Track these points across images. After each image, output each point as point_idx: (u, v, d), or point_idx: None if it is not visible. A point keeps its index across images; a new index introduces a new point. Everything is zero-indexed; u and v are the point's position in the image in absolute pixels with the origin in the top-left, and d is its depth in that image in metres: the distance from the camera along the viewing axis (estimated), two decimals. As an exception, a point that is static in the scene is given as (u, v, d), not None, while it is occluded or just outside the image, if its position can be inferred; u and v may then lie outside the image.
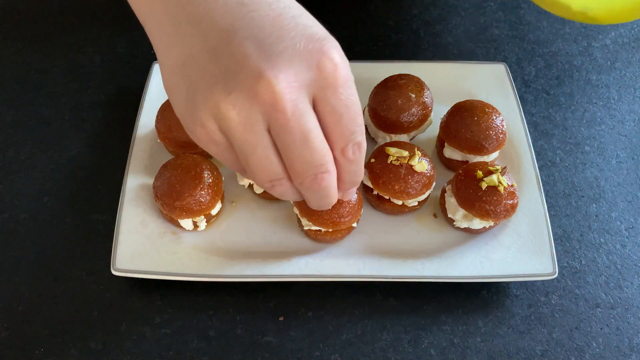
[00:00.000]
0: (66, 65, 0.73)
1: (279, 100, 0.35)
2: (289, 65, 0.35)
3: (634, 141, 0.69)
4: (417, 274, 0.55)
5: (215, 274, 0.54)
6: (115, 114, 0.69)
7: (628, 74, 0.75)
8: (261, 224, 0.59)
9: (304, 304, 0.56)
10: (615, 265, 0.59)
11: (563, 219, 0.62)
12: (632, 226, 0.62)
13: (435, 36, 0.78)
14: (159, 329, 0.54)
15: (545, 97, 0.73)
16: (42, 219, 0.61)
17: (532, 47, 0.78)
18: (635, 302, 0.57)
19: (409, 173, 0.55)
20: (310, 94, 0.37)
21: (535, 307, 0.56)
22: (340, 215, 0.53)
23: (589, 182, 0.65)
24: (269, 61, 0.35)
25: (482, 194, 0.54)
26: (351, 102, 0.38)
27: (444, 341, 0.54)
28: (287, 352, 0.53)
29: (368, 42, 0.77)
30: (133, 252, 0.55)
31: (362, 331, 0.55)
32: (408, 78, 0.61)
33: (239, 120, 0.35)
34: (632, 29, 0.80)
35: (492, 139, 0.58)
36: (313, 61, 0.36)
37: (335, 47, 0.37)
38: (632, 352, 0.54)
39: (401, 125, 0.60)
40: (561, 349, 0.54)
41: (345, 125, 0.38)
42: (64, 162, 0.65)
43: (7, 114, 0.69)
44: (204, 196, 0.54)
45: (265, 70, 0.34)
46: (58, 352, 0.53)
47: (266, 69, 0.34)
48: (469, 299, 0.57)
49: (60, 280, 0.57)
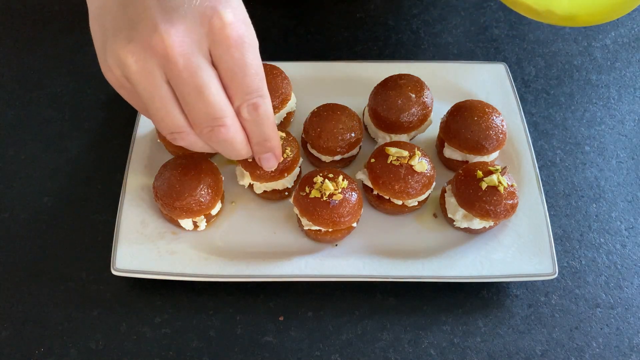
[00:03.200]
0: (66, 65, 0.74)
1: (170, 53, 0.37)
2: (182, 20, 0.38)
3: (634, 141, 0.69)
4: (417, 274, 0.55)
5: (215, 274, 0.54)
6: (115, 114, 0.69)
7: (628, 74, 0.75)
8: (261, 224, 0.59)
9: (304, 304, 0.56)
10: (615, 265, 0.59)
11: (563, 219, 0.62)
12: (632, 226, 0.62)
13: (435, 36, 0.78)
14: (159, 329, 0.54)
15: (545, 97, 0.73)
16: (42, 219, 0.61)
17: (532, 47, 0.78)
18: (635, 302, 0.57)
19: (409, 173, 0.55)
20: (206, 50, 0.39)
21: (535, 307, 0.56)
22: (340, 215, 0.53)
23: (589, 182, 0.65)
24: (164, 15, 0.38)
25: (482, 194, 0.54)
26: (245, 64, 0.40)
27: (444, 341, 0.54)
28: (287, 352, 0.53)
29: (368, 42, 0.77)
30: (133, 252, 0.55)
31: (362, 331, 0.55)
32: (408, 78, 0.61)
33: (136, 68, 0.38)
34: (632, 29, 0.80)
35: (492, 139, 0.58)
36: (205, 18, 0.38)
37: (231, 7, 0.39)
38: (632, 352, 0.54)
39: (401, 125, 0.60)
40: (561, 349, 0.54)
41: (239, 85, 0.41)
42: (64, 162, 0.65)
43: (7, 114, 0.69)
44: (204, 196, 0.54)
45: (159, 24, 0.37)
46: (58, 352, 0.53)
47: (160, 22, 0.37)
48: (469, 299, 0.57)
49: (60, 280, 0.57)
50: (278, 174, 0.56)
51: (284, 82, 0.62)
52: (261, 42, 0.42)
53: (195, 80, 0.39)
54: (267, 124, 0.44)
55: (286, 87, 0.62)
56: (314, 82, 0.69)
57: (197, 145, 0.44)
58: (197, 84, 0.39)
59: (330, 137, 0.59)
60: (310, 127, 0.60)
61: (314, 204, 0.53)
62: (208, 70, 0.39)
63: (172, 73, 0.39)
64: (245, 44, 0.40)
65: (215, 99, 0.40)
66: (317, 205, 0.53)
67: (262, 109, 0.43)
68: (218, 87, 0.40)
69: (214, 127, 0.41)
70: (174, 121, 0.41)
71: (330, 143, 0.59)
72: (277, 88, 0.61)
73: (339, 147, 0.59)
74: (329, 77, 0.69)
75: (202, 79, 0.39)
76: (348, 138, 0.59)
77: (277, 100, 0.61)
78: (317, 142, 0.60)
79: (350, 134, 0.59)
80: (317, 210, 0.53)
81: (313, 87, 0.68)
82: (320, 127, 0.59)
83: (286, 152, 0.56)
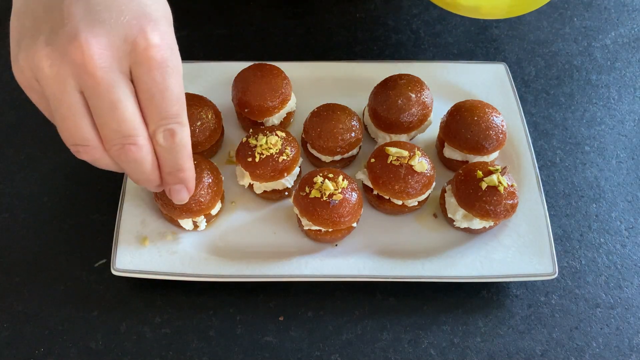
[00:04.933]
0: (66, 65, 0.73)
1: (88, 63, 0.36)
2: (107, 33, 0.37)
3: (634, 141, 0.69)
4: (417, 274, 0.55)
5: (215, 274, 0.54)
6: (115, 114, 0.69)
7: (628, 74, 0.75)
8: (261, 224, 0.59)
9: (304, 304, 0.56)
10: (615, 265, 0.59)
11: (563, 219, 0.62)
12: (632, 226, 0.62)
13: (435, 36, 0.78)
14: (159, 329, 0.54)
15: (545, 97, 0.73)
16: (42, 219, 0.61)
17: (532, 47, 0.78)
18: (635, 302, 0.57)
19: (409, 173, 0.55)
20: (126, 68, 0.38)
21: (535, 307, 0.56)
22: (340, 215, 0.53)
23: (589, 182, 0.65)
24: (88, 25, 0.37)
25: (482, 194, 0.54)
26: (166, 87, 0.39)
27: (444, 341, 0.54)
28: (287, 352, 0.53)
29: (368, 42, 0.77)
30: (133, 252, 0.55)
31: (362, 331, 0.55)
32: (408, 78, 0.61)
33: (49, 73, 0.37)
34: (632, 29, 0.80)
35: (492, 139, 0.58)
36: (131, 36, 0.38)
37: (159, 31, 0.39)
38: (632, 352, 0.54)
39: (401, 125, 0.60)
40: (561, 349, 0.54)
41: (157, 108, 0.39)
42: (64, 162, 0.65)
43: (8, 114, 0.69)
44: (204, 196, 0.54)
45: (81, 32, 0.36)
46: (58, 352, 0.53)
47: (82, 32, 0.37)
48: (469, 299, 0.57)
49: (60, 280, 0.57)
50: (278, 174, 0.56)
51: (284, 82, 0.62)
52: (261, 42, 0.42)
53: (110, 96, 0.38)
54: (182, 153, 0.42)
55: (286, 87, 0.62)
56: (314, 82, 0.69)
57: (103, 162, 0.42)
58: (112, 100, 0.38)
59: (330, 137, 0.59)
60: (310, 127, 0.60)
61: (314, 204, 0.53)
62: (125, 87, 0.38)
63: (86, 85, 0.37)
64: (169, 67, 0.39)
65: (129, 116, 0.39)
66: (317, 205, 0.53)
67: (178, 137, 0.41)
68: (134, 106, 0.39)
69: (125, 144, 0.40)
70: (79, 133, 0.40)
71: (330, 143, 0.59)
72: (277, 88, 0.61)
73: (339, 147, 0.59)
74: (329, 77, 0.69)
75: (118, 95, 0.38)
76: (348, 138, 0.59)
77: (277, 100, 0.61)
78: (317, 142, 0.60)
79: (350, 134, 0.59)
80: (317, 210, 0.53)
81: (313, 87, 0.68)
82: (320, 127, 0.59)
83: (286, 152, 0.56)
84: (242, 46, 0.76)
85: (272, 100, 0.61)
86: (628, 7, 0.82)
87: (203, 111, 0.59)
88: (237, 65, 0.64)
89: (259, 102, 0.61)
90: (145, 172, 0.42)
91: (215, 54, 0.75)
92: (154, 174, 0.43)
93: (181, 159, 0.43)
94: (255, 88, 0.60)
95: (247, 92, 0.61)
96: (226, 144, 0.65)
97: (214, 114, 0.60)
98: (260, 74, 0.61)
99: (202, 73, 0.68)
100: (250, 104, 0.61)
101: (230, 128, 0.66)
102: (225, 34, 0.77)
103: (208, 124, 0.59)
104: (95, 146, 0.40)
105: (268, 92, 0.60)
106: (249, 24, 0.78)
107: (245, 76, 0.62)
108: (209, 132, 0.59)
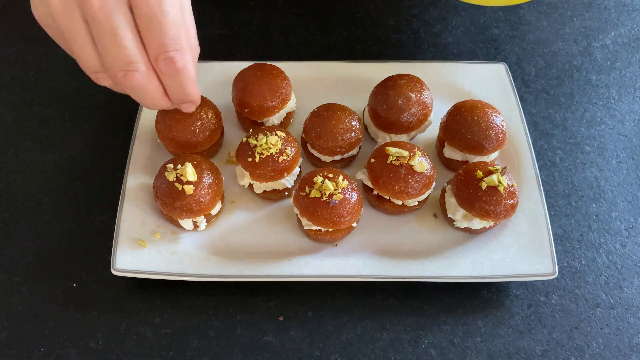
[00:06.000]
0: (66, 65, 0.73)
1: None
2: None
3: (634, 141, 0.69)
4: (417, 274, 0.55)
5: (215, 274, 0.54)
6: (115, 114, 0.69)
7: (628, 74, 0.75)
8: (261, 224, 0.59)
9: (304, 304, 0.56)
10: (615, 265, 0.59)
11: (563, 219, 0.62)
12: (632, 226, 0.62)
13: (435, 36, 0.78)
14: (159, 329, 0.54)
15: (545, 97, 0.73)
16: (42, 219, 0.61)
17: (532, 47, 0.78)
18: (635, 302, 0.57)
19: (409, 173, 0.55)
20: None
21: (535, 307, 0.56)
22: (340, 215, 0.53)
23: (589, 182, 0.65)
24: None
25: (482, 194, 0.54)
26: (161, 11, 0.40)
27: (444, 341, 0.54)
28: (287, 352, 0.53)
29: (368, 42, 0.77)
30: (133, 252, 0.55)
31: (362, 331, 0.55)
32: (408, 78, 0.61)
33: (58, 5, 0.40)
34: (632, 29, 0.80)
35: (492, 139, 0.58)
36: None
37: None
38: (632, 352, 0.54)
39: (401, 125, 0.60)
40: (561, 349, 0.54)
41: (155, 34, 0.41)
42: (64, 162, 0.65)
43: (8, 114, 0.69)
44: (204, 196, 0.54)
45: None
46: (58, 352, 0.53)
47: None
48: (469, 299, 0.57)
49: (60, 280, 0.57)
50: (278, 174, 0.56)
51: (284, 82, 0.62)
52: (261, 42, 0.42)
53: (109, 23, 0.40)
54: (185, 80, 0.44)
55: (286, 87, 0.62)
56: (314, 82, 0.69)
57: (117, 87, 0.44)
58: (111, 27, 0.40)
59: (330, 137, 0.59)
60: (310, 127, 0.60)
61: (314, 204, 0.53)
62: (123, 15, 0.40)
63: (87, 13, 0.40)
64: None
65: (128, 43, 0.40)
66: (317, 205, 0.53)
67: (179, 64, 0.42)
68: (133, 32, 0.41)
69: (127, 71, 0.41)
70: (94, 61, 0.42)
71: (330, 143, 0.59)
72: (277, 88, 0.61)
73: (339, 147, 0.59)
74: (329, 77, 0.69)
75: (116, 22, 0.40)
76: (348, 138, 0.59)
77: (277, 100, 0.61)
78: (317, 142, 0.60)
79: (350, 134, 0.59)
80: (317, 210, 0.53)
81: (313, 87, 0.68)
82: (320, 127, 0.59)
83: (286, 152, 0.56)
84: (242, 46, 0.76)
85: (272, 100, 0.61)
86: (628, 7, 0.82)
87: (203, 111, 0.59)
88: (237, 65, 0.64)
89: (259, 102, 0.61)
90: (152, 97, 0.45)
91: (215, 54, 0.75)
92: (162, 99, 0.46)
93: (184, 83, 0.45)
94: (255, 88, 0.60)
95: (247, 92, 0.61)
96: (226, 144, 0.65)
97: (214, 114, 0.60)
98: (260, 74, 0.61)
99: (202, 73, 0.68)
100: (250, 104, 0.61)
101: (230, 128, 0.66)
102: (225, 34, 0.77)
103: (208, 124, 0.59)
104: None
105: (268, 92, 0.60)
106: (249, 24, 0.78)
107: (245, 76, 0.62)
108: (209, 132, 0.59)
